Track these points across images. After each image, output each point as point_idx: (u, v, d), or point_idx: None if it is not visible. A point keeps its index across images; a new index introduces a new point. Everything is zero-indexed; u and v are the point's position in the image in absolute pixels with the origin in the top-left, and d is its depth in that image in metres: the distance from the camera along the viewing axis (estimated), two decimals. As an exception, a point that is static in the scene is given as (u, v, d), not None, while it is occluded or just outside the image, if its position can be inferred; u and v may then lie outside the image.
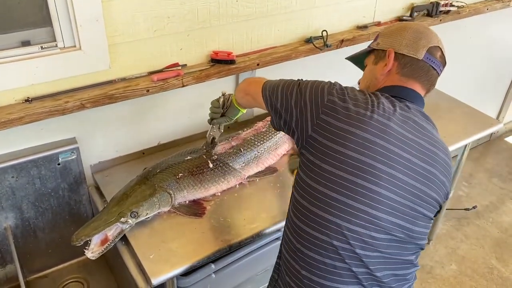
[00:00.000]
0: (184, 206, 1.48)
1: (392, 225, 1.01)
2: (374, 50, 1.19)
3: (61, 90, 1.40)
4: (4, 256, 1.57)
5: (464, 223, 2.75)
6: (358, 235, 0.99)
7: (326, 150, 1.00)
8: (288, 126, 1.10)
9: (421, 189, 1.02)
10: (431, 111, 1.04)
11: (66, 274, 1.70)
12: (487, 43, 2.86)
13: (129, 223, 1.33)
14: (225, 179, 1.56)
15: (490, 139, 3.52)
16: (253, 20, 1.70)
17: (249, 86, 1.34)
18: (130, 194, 1.39)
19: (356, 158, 0.97)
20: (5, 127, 1.29)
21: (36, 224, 1.58)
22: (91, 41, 1.37)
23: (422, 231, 1.07)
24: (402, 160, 0.99)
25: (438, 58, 1.13)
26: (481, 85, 3.07)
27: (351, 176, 0.98)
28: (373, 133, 0.98)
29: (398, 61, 1.12)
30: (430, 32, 1.15)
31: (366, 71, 1.22)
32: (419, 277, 2.37)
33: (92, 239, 1.29)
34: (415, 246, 1.08)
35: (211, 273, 1.43)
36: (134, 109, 1.63)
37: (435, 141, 1.07)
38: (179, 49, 1.59)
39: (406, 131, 1.02)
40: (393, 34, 1.15)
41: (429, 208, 1.05)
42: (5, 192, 1.46)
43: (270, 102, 1.15)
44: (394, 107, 1.04)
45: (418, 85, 1.12)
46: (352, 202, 0.98)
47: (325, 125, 1.01)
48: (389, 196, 0.99)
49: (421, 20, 2.16)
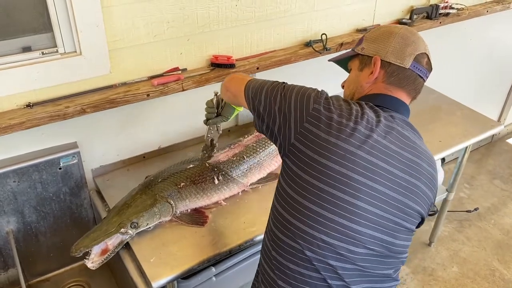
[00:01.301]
0: (186, 215, 1.47)
1: (372, 238, 0.98)
2: (358, 55, 1.15)
3: (62, 95, 1.41)
4: (6, 260, 1.58)
5: (465, 225, 2.74)
6: (333, 247, 0.97)
7: (307, 160, 0.97)
8: (271, 132, 1.07)
9: (403, 202, 1.00)
10: (432, 113, 1.03)
11: (68, 278, 1.70)
12: (488, 45, 2.86)
13: (129, 234, 1.32)
14: (228, 187, 1.55)
15: (491, 141, 3.52)
16: (253, 24, 1.71)
17: (230, 83, 1.30)
18: (131, 203, 1.38)
19: (337, 170, 0.95)
20: (7, 132, 1.30)
21: (38, 228, 1.59)
22: (92, 46, 1.38)
23: (403, 244, 1.05)
24: (385, 172, 0.97)
25: (425, 65, 1.10)
26: (482, 87, 3.07)
27: (331, 189, 0.95)
28: (355, 145, 0.95)
29: (385, 70, 1.08)
30: (416, 38, 1.10)
31: (351, 76, 1.19)
32: (421, 279, 2.37)
33: (93, 249, 1.28)
34: (395, 260, 1.06)
35: (211, 276, 1.44)
36: (134, 113, 1.64)
37: (420, 152, 1.04)
38: (179, 54, 1.60)
39: (389, 143, 0.99)
40: (378, 40, 1.11)
41: (411, 221, 1.03)
42: (7, 196, 1.47)
43: (253, 105, 1.12)
44: (378, 117, 1.01)
45: (404, 94, 1.10)
46: (331, 215, 0.96)
47: (308, 134, 0.98)
48: (369, 209, 0.96)
49: (420, 22, 2.17)
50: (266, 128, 1.09)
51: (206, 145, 1.56)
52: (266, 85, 1.11)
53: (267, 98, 1.07)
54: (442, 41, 2.54)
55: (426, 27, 2.19)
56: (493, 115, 3.38)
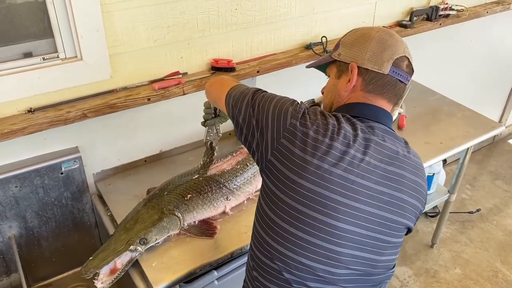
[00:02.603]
0: (194, 227, 1.44)
1: (354, 258, 0.95)
2: (336, 61, 1.10)
3: (63, 100, 1.41)
4: (9, 265, 1.59)
5: (468, 227, 2.74)
6: (312, 269, 0.94)
7: (283, 179, 0.93)
8: (249, 145, 1.03)
9: (387, 218, 0.96)
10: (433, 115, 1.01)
11: (70, 282, 1.71)
12: (488, 46, 2.86)
13: (139, 250, 1.29)
14: (234, 196, 1.53)
15: (493, 142, 3.51)
16: (253, 28, 1.72)
17: (211, 87, 1.26)
18: (138, 219, 1.35)
19: (313, 190, 0.90)
20: (8, 137, 1.31)
21: (40, 233, 1.59)
22: (92, 51, 1.39)
23: (390, 258, 1.01)
24: (364, 189, 0.93)
25: (405, 69, 1.04)
26: (482, 88, 3.07)
27: (308, 210, 0.91)
28: (331, 163, 0.91)
29: (362, 77, 1.03)
30: (394, 40, 1.04)
31: (329, 84, 1.13)
32: (424, 281, 2.37)
33: (101, 269, 1.25)
34: (380, 276, 1.01)
35: (213, 280, 1.44)
36: (135, 117, 1.64)
37: (402, 161, 0.98)
38: (180, 58, 1.60)
39: (368, 157, 0.94)
40: (355, 45, 1.05)
41: (397, 235, 0.99)
42: (9, 201, 1.47)
43: (232, 113, 1.07)
44: (355, 131, 0.96)
45: (384, 101, 1.04)
46: (308, 237, 0.92)
47: (284, 150, 0.94)
48: (350, 229, 0.92)
49: (420, 24, 2.17)
50: (244, 139, 1.04)
51: (206, 149, 1.53)
52: (247, 95, 1.05)
53: (247, 109, 1.02)
54: (442, 43, 2.54)
55: (426, 29, 2.19)
56: (495, 116, 3.38)
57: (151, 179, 1.67)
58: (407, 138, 1.11)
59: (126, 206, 1.54)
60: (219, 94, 1.15)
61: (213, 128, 1.47)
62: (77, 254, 1.72)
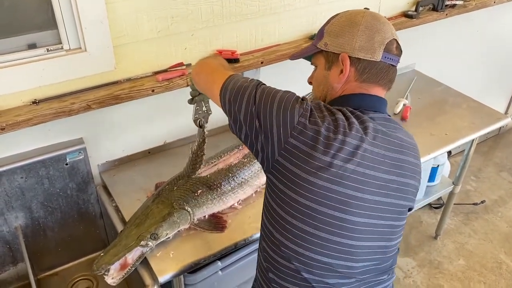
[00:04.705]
0: (204, 221, 1.44)
1: (370, 249, 0.96)
2: (322, 50, 1.05)
3: (67, 92, 1.42)
4: (15, 255, 1.60)
5: (472, 218, 2.73)
6: (332, 266, 0.94)
7: (294, 178, 0.91)
8: (250, 143, 0.98)
9: (395, 204, 0.97)
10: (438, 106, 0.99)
11: (76, 272, 1.72)
12: (495, 36, 2.83)
13: (150, 246, 1.28)
14: (242, 190, 1.52)
15: (499, 133, 3.49)
16: (257, 18, 1.71)
17: (199, 77, 1.17)
18: (148, 215, 1.34)
19: (328, 187, 0.89)
20: (13, 129, 1.31)
21: (46, 223, 1.61)
22: (96, 42, 1.39)
23: (397, 242, 1.03)
24: (375, 180, 0.93)
25: (395, 52, 1.01)
26: (488, 79, 3.05)
27: (324, 208, 0.90)
28: (345, 159, 0.90)
29: (355, 67, 0.99)
30: (382, 23, 1.00)
31: (318, 76, 1.08)
32: (427, 272, 2.37)
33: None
34: (389, 263, 1.04)
35: (217, 270, 1.45)
36: (139, 109, 1.64)
37: (404, 147, 1.00)
38: (183, 49, 1.60)
39: (377, 148, 0.94)
40: (342, 34, 1.00)
41: (403, 218, 1.02)
42: (14, 192, 1.49)
43: (229, 109, 1.00)
44: (363, 124, 0.95)
45: (379, 88, 1.02)
46: (327, 235, 0.92)
47: (293, 149, 0.91)
48: (364, 222, 0.93)
49: (426, 14, 2.15)
50: (245, 137, 0.99)
51: (198, 131, 1.42)
52: (247, 89, 0.98)
53: (249, 106, 0.96)
54: (449, 33, 2.52)
55: (432, 19, 2.17)
56: (500, 107, 3.35)
57: (155, 170, 1.68)
58: (412, 129, 1.11)
59: (130, 197, 1.55)
60: (210, 86, 1.08)
61: (202, 105, 1.38)
62: (82, 244, 1.73)
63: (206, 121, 1.41)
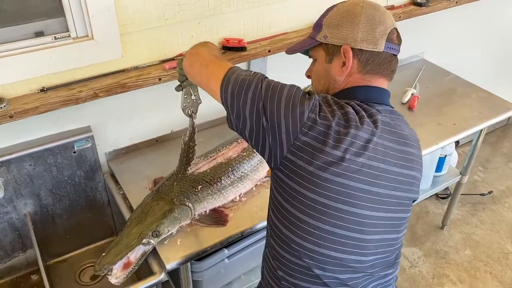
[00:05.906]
0: (205, 216, 1.43)
1: (379, 242, 0.97)
2: (322, 43, 1.03)
3: (74, 80, 1.42)
4: (24, 242, 1.63)
5: (479, 209, 2.72)
6: (344, 261, 0.94)
7: (304, 174, 0.89)
8: (256, 140, 0.94)
9: (402, 196, 0.98)
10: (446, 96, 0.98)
11: (84, 259, 1.74)
12: (505, 25, 2.79)
13: (152, 243, 1.27)
14: (242, 184, 1.51)
15: (507, 123, 3.46)
16: (265, 6, 1.69)
17: (192, 68, 1.10)
18: (149, 212, 1.32)
19: (338, 182, 0.88)
20: (21, 116, 1.32)
21: (54, 210, 1.63)
22: (103, 30, 1.38)
23: (403, 234, 1.04)
24: (384, 173, 0.93)
25: (396, 41, 1.00)
26: (498, 69, 3.01)
27: (335, 203, 0.89)
28: (356, 153, 0.89)
29: (358, 58, 0.97)
30: (382, 13, 0.98)
31: (319, 69, 1.05)
32: (434, 262, 2.37)
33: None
34: (395, 255, 1.04)
35: (224, 258, 1.46)
36: (146, 97, 1.64)
37: (408, 139, 0.99)
38: (190, 37, 1.59)
39: (386, 141, 0.94)
40: (342, 25, 0.98)
41: (409, 210, 1.03)
42: (23, 180, 1.50)
43: (232, 103, 0.95)
44: (372, 117, 0.94)
45: (383, 79, 1.01)
46: (338, 230, 0.91)
47: (304, 146, 0.89)
48: (374, 215, 0.93)
49: (436, 2, 2.12)
50: (249, 135, 0.95)
51: (189, 123, 1.36)
52: (251, 83, 0.94)
53: (255, 102, 0.92)
54: (458, 22, 2.48)
55: (441, 7, 2.13)
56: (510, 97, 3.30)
57: (162, 159, 1.68)
58: (419, 119, 1.10)
59: (138, 186, 1.56)
60: (207, 80, 1.03)
61: (190, 93, 1.30)
62: (90, 231, 1.75)
63: (195, 111, 1.35)
